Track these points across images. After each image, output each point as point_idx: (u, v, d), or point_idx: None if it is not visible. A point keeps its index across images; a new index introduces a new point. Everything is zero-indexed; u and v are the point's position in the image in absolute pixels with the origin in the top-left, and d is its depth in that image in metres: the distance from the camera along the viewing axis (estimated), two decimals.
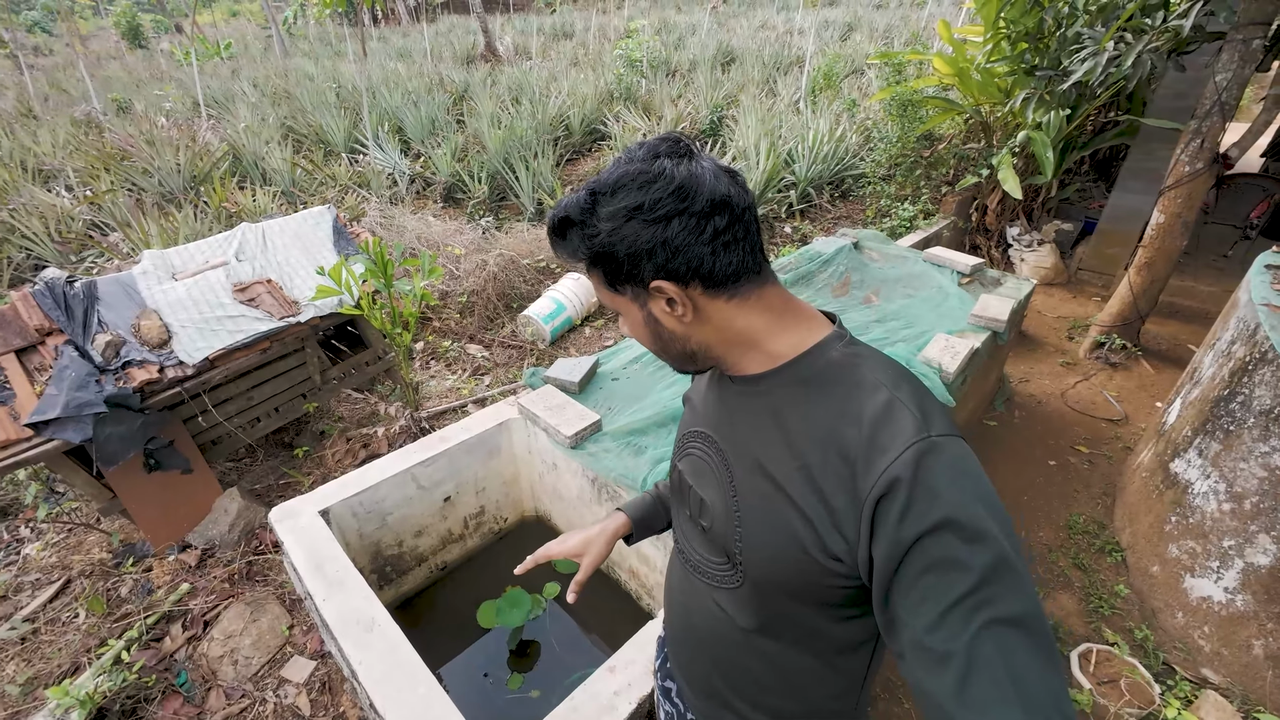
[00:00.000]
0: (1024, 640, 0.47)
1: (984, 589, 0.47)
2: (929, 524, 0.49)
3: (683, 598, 0.79)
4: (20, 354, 1.92)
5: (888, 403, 0.56)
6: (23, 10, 17.71)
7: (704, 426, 0.72)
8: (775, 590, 0.63)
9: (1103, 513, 2.44)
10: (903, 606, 0.51)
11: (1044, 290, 4.46)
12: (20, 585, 2.16)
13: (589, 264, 0.62)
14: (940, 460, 0.51)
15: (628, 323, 0.67)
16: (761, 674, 0.70)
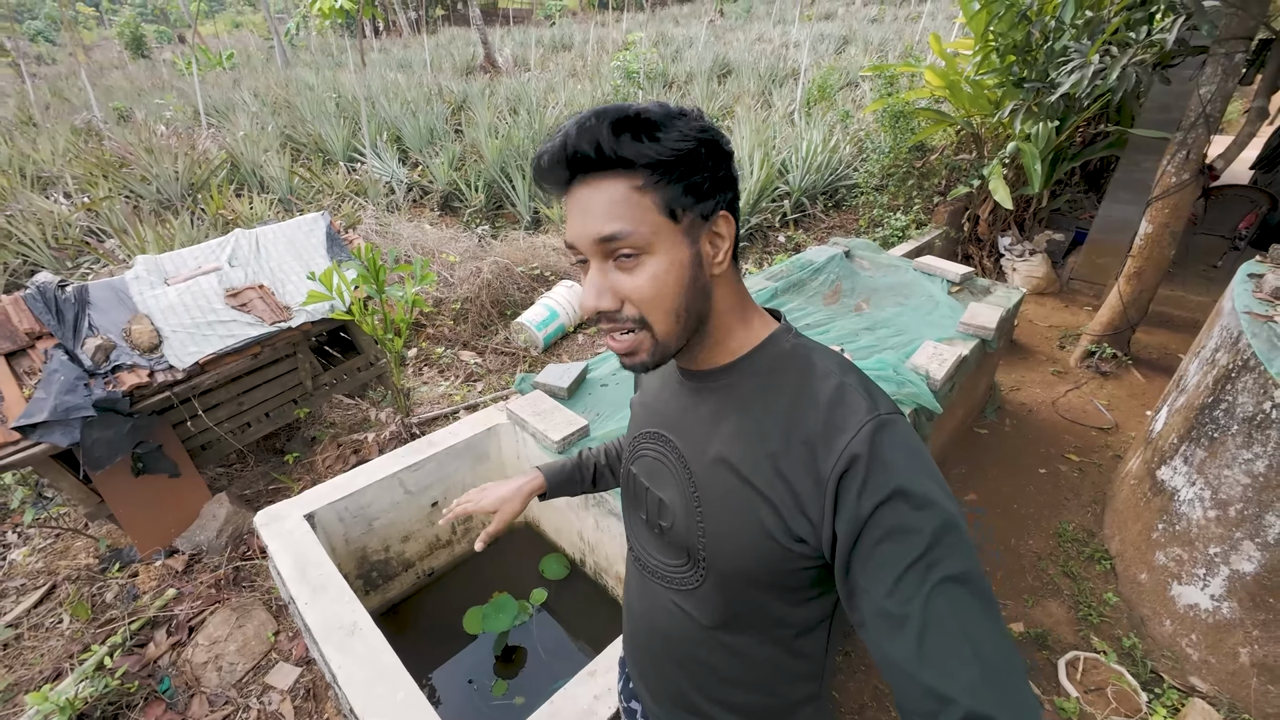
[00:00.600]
0: (969, 594, 0.50)
1: (933, 550, 0.51)
2: (884, 494, 0.52)
3: (642, 606, 0.78)
4: (9, 357, 1.93)
5: (839, 386, 0.60)
6: (26, 20, 17.88)
7: (657, 427, 0.72)
8: (738, 581, 0.64)
9: (1092, 521, 2.44)
10: (862, 575, 0.54)
11: (1035, 300, 4.49)
12: (5, 591, 2.15)
13: (663, 171, 0.56)
14: (891, 435, 0.55)
15: (663, 263, 0.57)
16: (728, 670, 0.71)
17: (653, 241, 0.57)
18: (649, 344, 0.60)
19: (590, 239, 0.57)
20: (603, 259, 0.58)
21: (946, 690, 0.48)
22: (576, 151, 0.55)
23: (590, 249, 0.57)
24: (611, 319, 0.59)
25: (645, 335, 0.59)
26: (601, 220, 0.56)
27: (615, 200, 0.56)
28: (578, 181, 0.57)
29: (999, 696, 0.48)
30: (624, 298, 0.58)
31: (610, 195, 0.56)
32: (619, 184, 0.56)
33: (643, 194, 0.56)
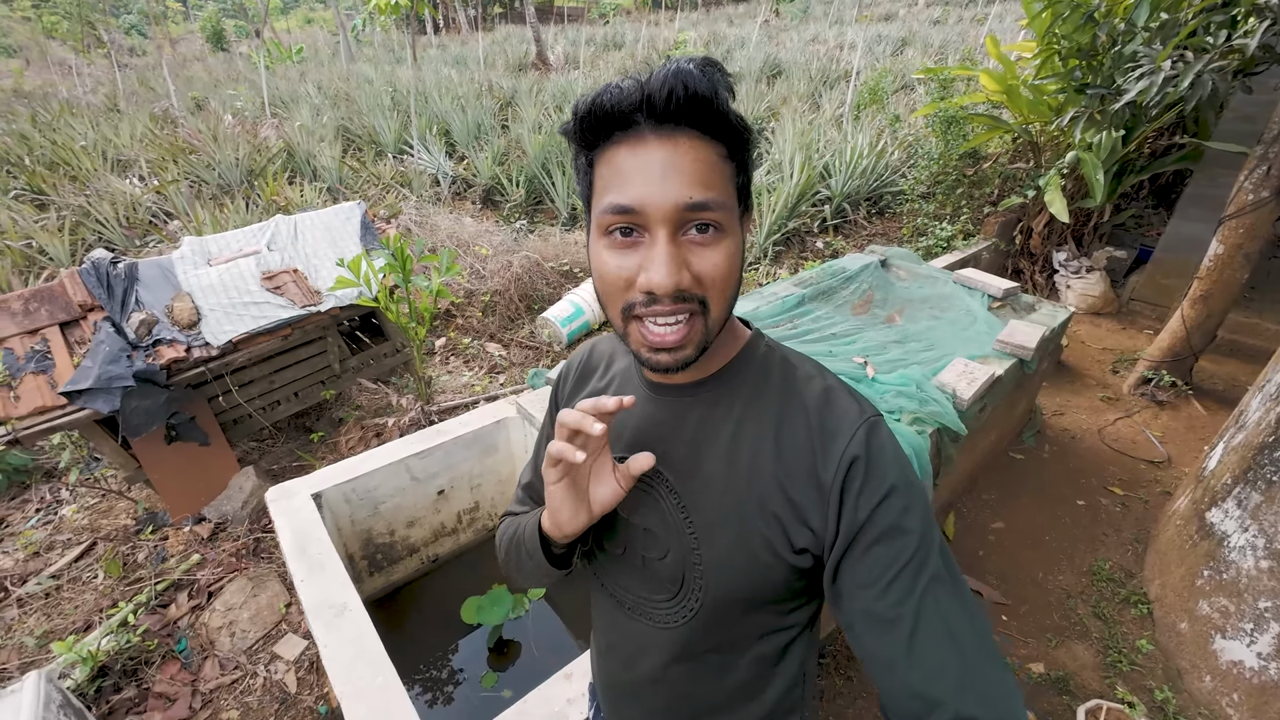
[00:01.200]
0: (951, 592, 0.52)
1: (920, 550, 0.52)
2: (880, 495, 0.53)
3: (623, 643, 0.72)
4: (64, 327, 2.07)
5: (826, 389, 0.59)
6: (122, 14, 19.26)
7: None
8: (734, 606, 0.61)
9: (1132, 560, 2.27)
10: (853, 578, 0.53)
11: (1090, 320, 4.23)
12: (52, 544, 2.31)
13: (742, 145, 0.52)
14: (881, 436, 0.56)
15: (733, 245, 0.53)
16: (713, 694, 0.67)
17: (730, 218, 0.52)
18: (700, 333, 0.53)
19: (674, 203, 0.49)
20: (674, 230, 0.50)
21: (934, 693, 0.49)
22: (696, 92, 0.48)
23: (666, 216, 0.49)
24: (680, 299, 0.51)
25: (700, 321, 0.53)
26: (694, 184, 0.49)
27: (708, 164, 0.50)
28: (652, 133, 0.49)
29: (982, 696, 0.49)
30: (694, 276, 0.51)
31: (705, 157, 0.50)
32: (710, 148, 0.50)
33: (726, 164, 0.52)
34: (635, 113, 0.49)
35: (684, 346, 0.53)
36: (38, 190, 5.04)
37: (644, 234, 0.51)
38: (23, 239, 4.19)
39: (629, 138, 0.50)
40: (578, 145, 0.54)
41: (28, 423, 1.88)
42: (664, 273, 0.49)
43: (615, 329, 0.56)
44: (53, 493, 2.63)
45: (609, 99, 0.49)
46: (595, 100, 0.50)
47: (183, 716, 1.73)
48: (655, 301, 0.51)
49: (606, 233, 0.52)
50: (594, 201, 0.54)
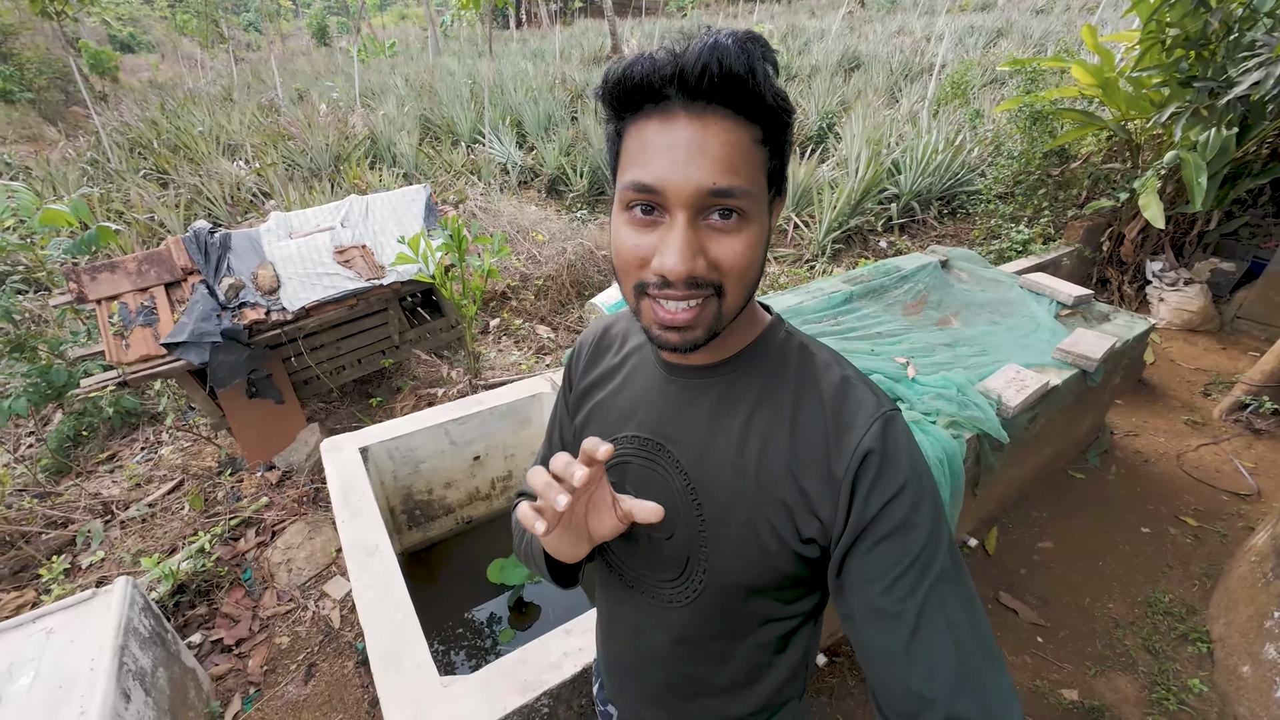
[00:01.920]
0: (956, 593, 0.52)
1: (928, 548, 0.51)
2: (893, 491, 0.52)
3: (622, 621, 0.73)
4: (168, 287, 2.35)
5: (843, 380, 0.57)
6: (242, 12, 21.15)
7: (639, 430, 0.64)
8: (739, 591, 0.61)
9: (1198, 597, 2.08)
10: (858, 572, 0.53)
11: (1185, 337, 3.85)
12: (151, 478, 2.64)
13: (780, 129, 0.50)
14: (897, 431, 0.55)
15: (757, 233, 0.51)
16: (715, 676, 0.67)
17: (756, 205, 0.49)
18: (711, 316, 0.52)
19: (697, 188, 0.47)
20: (694, 214, 0.48)
21: (929, 691, 0.49)
22: (731, 70, 0.44)
23: (688, 199, 0.47)
24: (693, 284, 0.50)
25: (713, 305, 0.51)
26: (720, 170, 0.46)
27: (739, 149, 0.47)
28: (683, 110, 0.47)
29: (978, 698, 0.49)
30: (711, 262, 0.50)
31: (734, 140, 0.47)
32: (743, 131, 0.47)
33: (759, 149, 0.49)
34: (666, 86, 0.46)
35: (694, 328, 0.52)
36: (161, 170, 5.67)
37: (664, 214, 0.49)
38: (146, 213, 4.75)
39: (659, 112, 0.47)
40: (608, 112, 0.52)
41: (135, 368, 2.16)
42: (677, 259, 0.48)
43: (628, 304, 0.56)
44: (155, 435, 2.99)
45: (640, 70, 0.47)
46: (627, 70, 0.47)
47: (243, 636, 1.95)
48: (668, 285, 0.50)
49: (627, 208, 0.51)
50: (619, 173, 0.52)
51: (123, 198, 4.99)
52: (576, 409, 0.74)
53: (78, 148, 6.98)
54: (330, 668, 1.88)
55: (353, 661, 1.88)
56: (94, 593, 1.45)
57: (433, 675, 1.13)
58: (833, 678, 1.82)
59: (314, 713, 1.75)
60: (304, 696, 1.79)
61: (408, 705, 1.07)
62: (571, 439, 0.76)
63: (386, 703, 1.08)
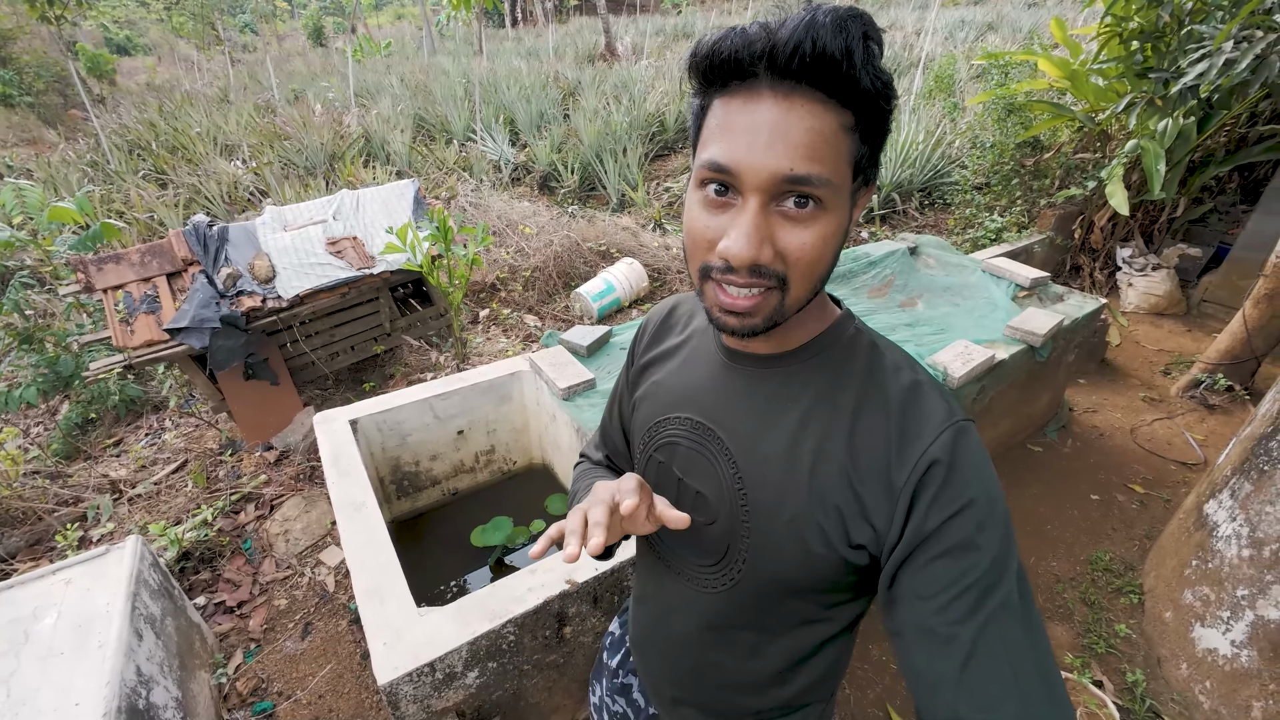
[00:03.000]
0: (1020, 624, 0.48)
1: (992, 573, 0.48)
2: (956, 508, 0.49)
3: (659, 600, 0.73)
4: (169, 277, 2.49)
5: (914, 385, 0.54)
6: (238, 14, 21.26)
7: (691, 413, 0.64)
8: (778, 587, 0.60)
9: (1138, 556, 2.22)
10: (912, 587, 0.50)
11: (1151, 320, 3.99)
12: (155, 460, 2.78)
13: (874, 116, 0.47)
14: (969, 444, 0.51)
15: (833, 224, 0.48)
16: (742, 670, 0.67)
17: (836, 196, 0.47)
18: (772, 307, 0.50)
19: (774, 174, 0.45)
20: (768, 200, 0.47)
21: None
22: (825, 51, 0.42)
23: (762, 184, 0.46)
24: (756, 273, 0.49)
25: (775, 297, 0.50)
26: (801, 156, 0.45)
27: (822, 135, 0.45)
28: (769, 89, 0.45)
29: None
30: (779, 252, 0.48)
31: (820, 127, 0.45)
32: (830, 116, 0.45)
33: (846, 137, 0.46)
34: (756, 63, 0.45)
35: (753, 315, 0.51)
36: (160, 171, 5.80)
37: (737, 196, 0.48)
38: (146, 212, 4.88)
39: (745, 89, 0.46)
40: (696, 85, 0.50)
41: (139, 353, 2.30)
42: (743, 244, 0.47)
43: (694, 283, 0.55)
44: (158, 421, 3.14)
45: (730, 45, 0.45)
46: (716, 45, 0.46)
47: (244, 599, 2.09)
48: (731, 270, 0.49)
49: (701, 185, 0.50)
50: (699, 150, 0.51)
51: (123, 198, 5.13)
52: (636, 384, 0.74)
53: (77, 150, 7.12)
54: (325, 626, 2.02)
55: (346, 620, 2.03)
56: (107, 549, 1.60)
57: (411, 606, 1.27)
58: None
59: (310, 664, 1.90)
60: (301, 651, 1.94)
61: (388, 630, 1.22)
62: (630, 413, 0.76)
63: (370, 629, 1.22)
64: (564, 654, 1.43)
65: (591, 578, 1.36)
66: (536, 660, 1.38)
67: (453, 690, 1.26)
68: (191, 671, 1.64)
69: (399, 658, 1.17)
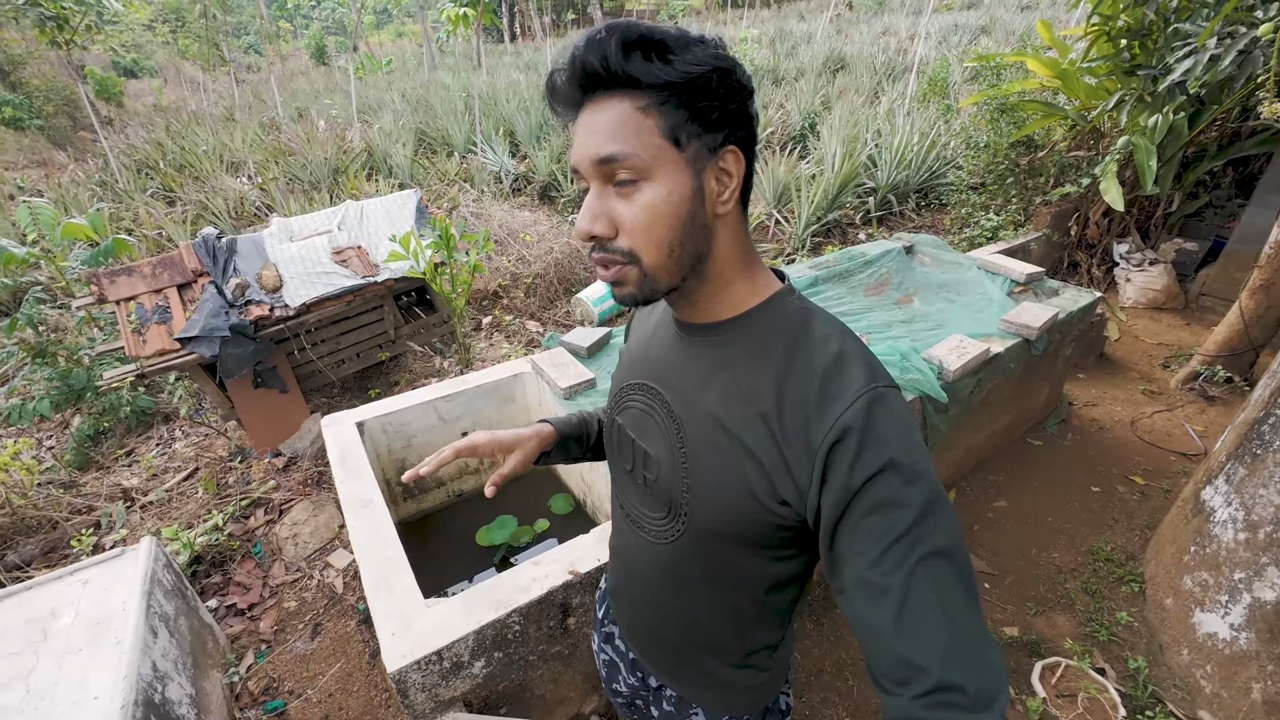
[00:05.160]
0: (950, 571, 0.52)
1: (919, 525, 0.52)
2: (876, 467, 0.53)
3: (625, 550, 0.82)
4: (180, 288, 2.55)
5: (838, 354, 0.59)
6: (243, 35, 21.63)
7: (646, 379, 0.72)
8: (718, 538, 0.65)
9: (1138, 545, 2.23)
10: (847, 546, 0.54)
11: (1150, 315, 4.00)
12: (166, 469, 2.83)
13: (670, 93, 0.53)
14: (886, 409, 0.55)
15: (660, 191, 0.55)
16: (700, 616, 0.73)
17: (652, 166, 0.54)
18: (635, 277, 0.58)
19: (589, 159, 0.55)
20: (602, 182, 0.56)
21: (920, 660, 0.50)
22: (585, 66, 0.53)
23: (590, 170, 0.56)
24: (603, 249, 0.57)
25: (633, 269, 0.58)
26: (602, 140, 0.54)
27: (618, 120, 0.53)
28: (587, 101, 0.56)
29: (968, 667, 0.50)
30: (618, 225, 0.56)
31: (614, 115, 0.54)
32: (624, 104, 0.54)
33: (646, 115, 0.53)
34: (566, 90, 0.56)
35: (623, 284, 0.59)
36: (168, 189, 5.91)
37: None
38: (155, 229, 4.97)
39: (582, 108, 0.57)
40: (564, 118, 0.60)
41: (152, 362, 2.35)
42: (581, 220, 0.57)
43: None
44: (169, 432, 3.19)
45: (550, 85, 0.58)
46: (546, 86, 0.59)
47: (255, 601, 2.13)
48: (592, 248, 0.59)
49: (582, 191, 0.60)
50: None
51: (131, 215, 5.23)
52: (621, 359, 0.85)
53: (87, 170, 7.26)
54: (334, 627, 2.05)
55: (355, 621, 2.06)
56: (122, 550, 1.64)
57: (418, 597, 1.30)
58: None
59: (320, 664, 1.92)
60: (311, 651, 1.97)
61: (397, 619, 1.25)
62: None
63: (379, 619, 1.25)
64: (569, 645, 1.46)
65: (594, 568, 1.39)
66: (542, 651, 1.41)
67: (460, 679, 1.28)
68: (204, 670, 1.67)
69: (407, 646, 1.20)
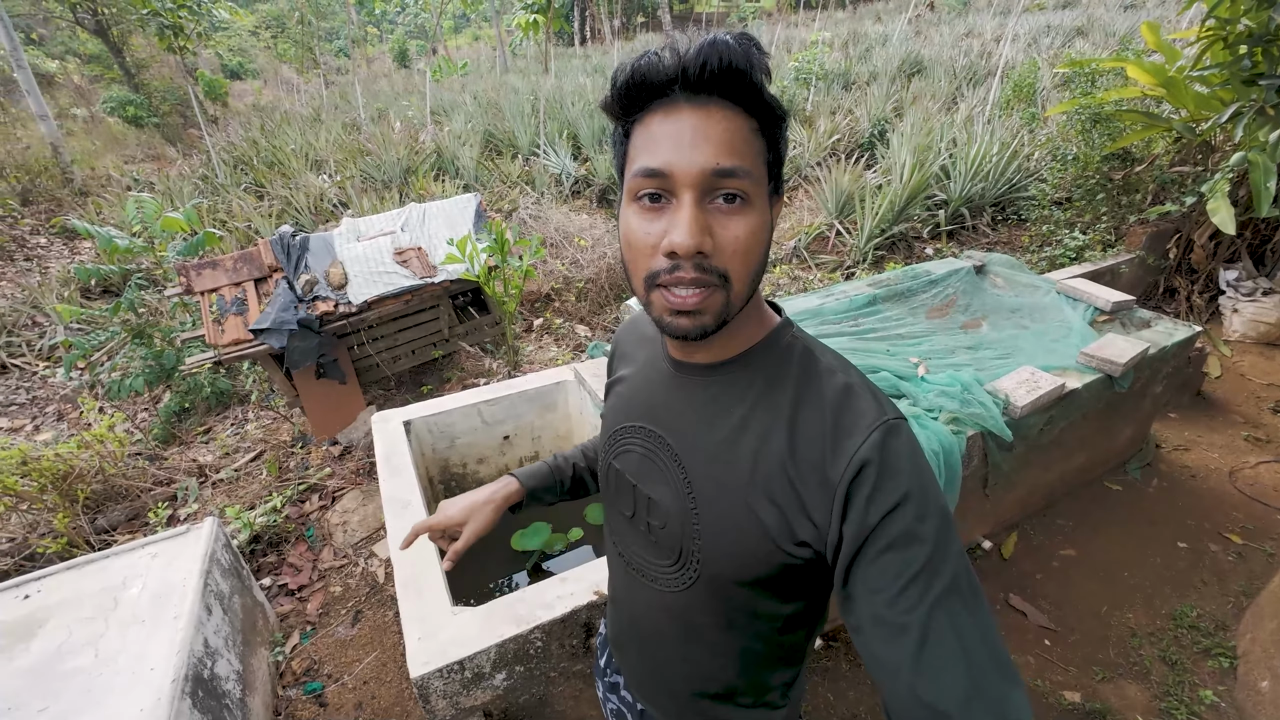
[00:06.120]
0: (965, 606, 0.50)
1: (934, 560, 0.50)
2: (892, 502, 0.52)
3: (626, 601, 0.78)
4: (257, 282, 2.73)
5: (845, 387, 0.57)
6: (334, 39, 23.11)
7: (644, 421, 0.69)
8: (730, 584, 0.62)
9: (1232, 614, 1.99)
10: (863, 583, 0.53)
11: (1259, 351, 3.59)
12: (237, 449, 3.04)
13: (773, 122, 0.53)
14: (899, 441, 0.54)
15: (759, 219, 0.53)
16: (713, 662, 0.70)
17: (758, 192, 0.52)
18: (719, 304, 0.54)
19: (702, 168, 0.50)
20: (701, 196, 0.51)
21: (939, 703, 0.48)
22: (731, 64, 0.49)
23: (694, 180, 0.50)
24: (700, 267, 0.52)
25: (720, 294, 0.53)
26: (723, 151, 0.50)
27: (739, 135, 0.51)
28: (686, 102, 0.51)
29: (991, 709, 0.48)
30: (716, 244, 0.52)
31: (733, 128, 0.51)
32: (741, 119, 0.51)
33: (757, 138, 0.53)
34: (671, 83, 0.50)
35: (703, 312, 0.54)
36: (259, 184, 6.37)
37: (671, 199, 0.52)
38: (245, 221, 5.37)
39: (663, 107, 0.52)
40: (615, 117, 0.56)
41: (228, 350, 2.53)
42: (686, 232, 0.50)
43: (639, 299, 0.57)
44: (242, 413, 3.42)
45: (645, 68, 0.51)
46: (634, 69, 0.52)
47: (304, 583, 2.24)
48: (678, 268, 0.52)
49: (636, 198, 0.53)
50: (626, 170, 0.55)
51: (226, 208, 5.67)
52: (607, 395, 0.81)
53: (191, 165, 7.93)
54: (374, 615, 2.13)
55: (393, 611, 2.13)
56: (188, 528, 1.76)
57: (445, 603, 1.32)
58: (828, 660, 1.89)
59: (359, 650, 2.00)
60: (351, 637, 2.05)
61: (423, 624, 1.27)
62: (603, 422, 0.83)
63: (405, 621, 1.28)
64: (590, 664, 1.44)
65: None
66: (563, 668, 1.40)
67: (481, 690, 1.30)
68: (253, 648, 1.77)
69: (430, 653, 1.22)
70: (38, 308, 4.58)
